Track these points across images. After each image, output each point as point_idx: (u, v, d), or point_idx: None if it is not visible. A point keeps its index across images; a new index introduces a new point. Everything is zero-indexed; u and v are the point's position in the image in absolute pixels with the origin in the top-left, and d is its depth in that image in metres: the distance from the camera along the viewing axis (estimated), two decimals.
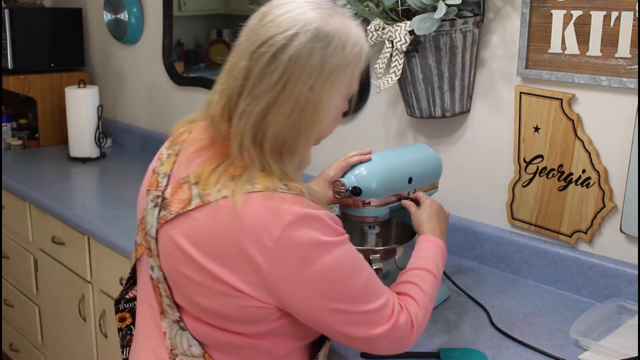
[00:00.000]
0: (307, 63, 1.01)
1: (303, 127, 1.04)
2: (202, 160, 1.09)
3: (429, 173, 1.50)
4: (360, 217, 1.41)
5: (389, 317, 1.08)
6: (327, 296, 1.03)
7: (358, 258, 1.08)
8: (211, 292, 1.05)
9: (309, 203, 1.04)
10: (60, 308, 2.44)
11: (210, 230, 1.03)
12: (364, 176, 1.35)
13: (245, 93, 1.03)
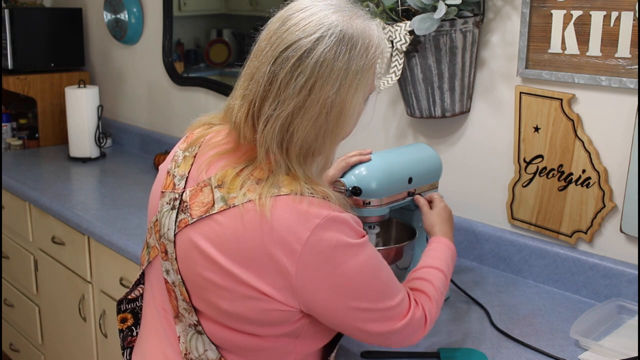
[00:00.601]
0: (333, 66, 1.01)
1: (329, 131, 1.04)
2: (224, 163, 1.09)
3: (429, 173, 1.50)
4: (361, 217, 1.40)
5: (406, 312, 1.12)
6: (352, 296, 1.05)
7: (378, 257, 1.10)
8: (235, 295, 1.04)
9: (335, 206, 1.04)
10: (60, 308, 2.44)
11: (237, 234, 1.02)
12: (364, 176, 1.35)
13: (270, 98, 1.02)
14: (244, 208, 1.02)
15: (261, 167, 1.05)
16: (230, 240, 1.03)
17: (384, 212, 1.41)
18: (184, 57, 2.87)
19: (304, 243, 1.00)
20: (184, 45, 2.86)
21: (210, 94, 2.63)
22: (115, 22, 3.06)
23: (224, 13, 2.68)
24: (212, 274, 1.05)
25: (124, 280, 2.02)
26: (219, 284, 1.05)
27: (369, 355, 1.32)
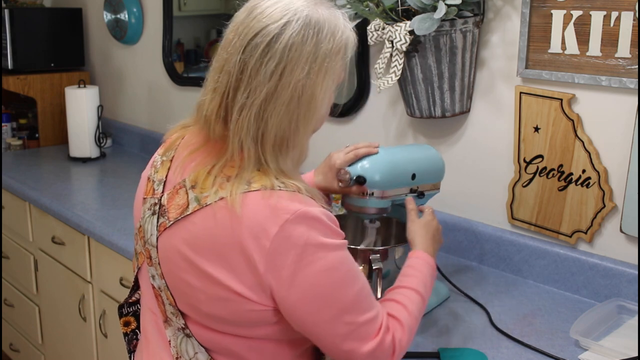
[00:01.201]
0: (301, 50, 1.02)
1: (302, 116, 1.04)
2: (196, 163, 1.09)
3: (432, 173, 1.50)
4: (362, 207, 1.40)
5: (376, 333, 1.06)
6: (320, 300, 1.02)
7: (354, 266, 1.06)
8: (211, 296, 1.04)
9: (307, 200, 1.03)
10: (60, 308, 2.44)
11: (210, 232, 1.02)
12: (368, 167, 1.35)
13: (243, 87, 1.02)
14: (216, 206, 1.02)
15: (231, 163, 1.04)
16: (204, 240, 1.03)
17: (386, 204, 1.41)
18: (184, 57, 2.87)
19: (272, 239, 0.98)
20: (184, 45, 2.86)
21: None
22: (115, 22, 3.06)
23: (224, 13, 2.68)
24: (190, 276, 1.05)
25: (124, 280, 2.02)
26: (196, 285, 1.05)
27: None
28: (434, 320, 1.48)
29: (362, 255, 1.36)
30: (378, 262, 1.33)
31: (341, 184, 1.37)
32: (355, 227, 1.59)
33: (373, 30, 1.69)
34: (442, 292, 1.59)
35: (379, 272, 1.32)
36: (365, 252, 1.37)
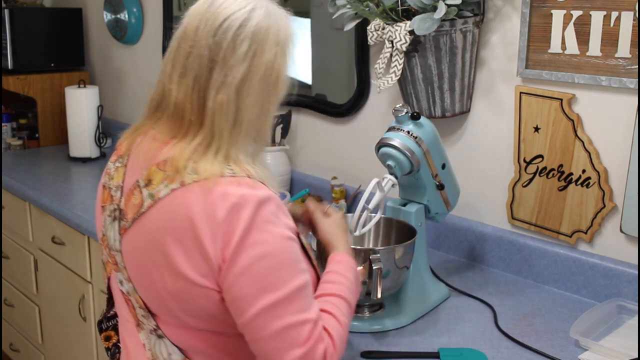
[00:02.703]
0: (268, 34, 1.09)
1: (272, 95, 1.11)
2: (149, 161, 1.11)
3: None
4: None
5: (306, 339, 1.03)
6: (256, 284, 1.02)
7: (299, 260, 1.07)
8: (172, 290, 1.06)
9: (256, 185, 1.05)
10: (60, 308, 2.44)
11: (165, 224, 1.05)
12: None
13: (219, 67, 1.06)
14: (169, 198, 1.05)
15: (182, 155, 1.06)
16: (161, 232, 1.05)
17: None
18: None
19: (220, 222, 1.01)
20: None
21: None
22: (115, 22, 3.06)
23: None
24: (153, 270, 1.08)
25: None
26: (159, 279, 1.07)
27: (369, 355, 1.32)
28: (434, 320, 1.48)
29: (362, 255, 1.36)
30: (378, 262, 1.33)
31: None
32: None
33: (373, 30, 1.69)
34: (442, 292, 1.59)
35: (379, 272, 1.32)
36: (365, 252, 1.37)
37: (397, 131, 1.45)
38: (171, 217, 1.04)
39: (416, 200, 1.53)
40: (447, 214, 1.62)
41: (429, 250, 1.85)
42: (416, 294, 1.50)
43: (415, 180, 1.50)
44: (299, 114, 2.29)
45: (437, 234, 1.89)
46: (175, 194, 1.04)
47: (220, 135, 1.07)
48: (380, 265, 1.33)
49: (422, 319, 1.49)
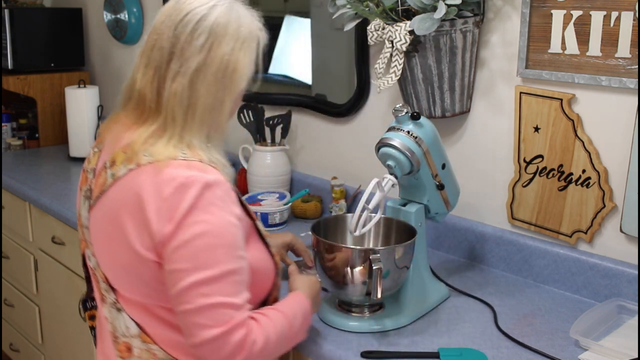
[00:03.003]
0: (226, 29, 1.16)
1: (227, 87, 1.18)
2: (116, 144, 1.21)
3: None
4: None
5: (227, 322, 1.08)
6: (189, 260, 1.08)
7: (238, 247, 1.12)
8: (125, 262, 1.15)
9: (206, 169, 1.12)
10: (60, 308, 2.44)
11: (121, 201, 1.14)
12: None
13: (176, 58, 1.15)
14: (126, 177, 1.14)
15: (139, 139, 1.15)
16: (118, 208, 1.15)
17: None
18: None
19: (165, 199, 1.09)
20: None
21: None
22: (115, 22, 3.06)
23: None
24: (112, 243, 1.17)
25: None
26: (115, 252, 1.17)
27: (369, 355, 1.32)
28: (434, 320, 1.48)
29: (362, 255, 1.36)
30: (378, 262, 1.33)
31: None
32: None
33: (373, 30, 1.69)
34: (442, 292, 1.59)
35: (379, 272, 1.32)
36: (365, 252, 1.37)
37: (397, 131, 1.45)
38: (126, 194, 1.14)
39: (416, 200, 1.54)
40: (447, 214, 1.62)
41: (429, 250, 1.85)
42: (416, 294, 1.50)
43: (415, 180, 1.50)
44: (299, 114, 2.29)
45: (437, 234, 1.89)
46: (131, 174, 1.14)
47: (174, 121, 1.15)
48: (380, 265, 1.33)
49: (422, 319, 1.49)
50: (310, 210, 2.11)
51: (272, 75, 2.47)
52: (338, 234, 1.55)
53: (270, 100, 2.37)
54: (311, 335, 1.39)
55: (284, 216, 2.06)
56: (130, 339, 1.21)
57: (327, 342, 1.37)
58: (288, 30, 2.40)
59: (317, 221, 1.51)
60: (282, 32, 2.41)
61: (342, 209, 2.07)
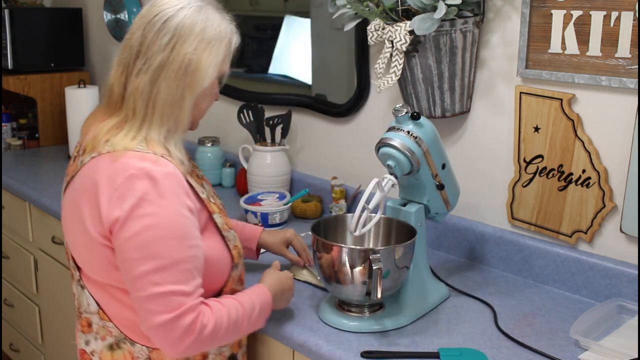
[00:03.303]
0: (191, 30, 1.23)
1: (187, 84, 1.23)
2: (87, 137, 1.29)
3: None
4: None
5: (177, 307, 1.15)
6: (139, 251, 1.15)
7: (184, 235, 1.18)
8: (83, 242, 1.23)
9: (160, 161, 1.19)
10: (60, 308, 2.44)
11: (81, 186, 1.23)
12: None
13: (141, 56, 1.23)
14: (88, 164, 1.23)
15: (102, 130, 1.24)
16: (79, 192, 1.24)
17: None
18: None
19: (117, 187, 1.16)
20: None
21: None
22: (115, 22, 3.06)
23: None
24: (74, 224, 1.25)
25: None
26: (75, 233, 1.25)
27: (369, 355, 1.32)
28: (434, 320, 1.48)
29: (362, 255, 1.36)
30: (378, 262, 1.33)
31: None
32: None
33: (373, 30, 1.69)
34: (442, 292, 1.59)
35: (379, 272, 1.32)
36: (365, 252, 1.37)
37: (397, 131, 1.45)
38: (86, 180, 1.22)
39: (416, 200, 1.54)
40: (447, 214, 1.62)
41: (429, 250, 1.85)
42: (416, 294, 1.50)
43: (415, 180, 1.50)
44: (299, 114, 2.29)
45: (437, 234, 1.89)
46: (93, 161, 1.22)
47: (135, 115, 1.23)
48: (380, 265, 1.33)
49: (422, 319, 1.49)
50: (310, 210, 2.11)
51: (272, 75, 2.47)
52: (338, 234, 1.55)
53: (270, 100, 2.37)
54: (311, 336, 1.39)
55: (284, 216, 2.06)
56: (90, 315, 1.32)
57: (327, 342, 1.37)
58: (288, 30, 2.40)
59: (317, 221, 1.51)
60: (282, 32, 2.41)
61: (342, 209, 2.07)
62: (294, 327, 1.44)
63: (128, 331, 1.29)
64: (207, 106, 1.34)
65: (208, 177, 2.45)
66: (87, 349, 1.34)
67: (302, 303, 1.54)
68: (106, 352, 1.31)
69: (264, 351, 1.55)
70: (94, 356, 1.33)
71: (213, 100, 1.35)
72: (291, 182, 2.30)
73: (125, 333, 1.29)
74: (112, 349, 1.30)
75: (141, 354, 1.29)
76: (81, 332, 1.35)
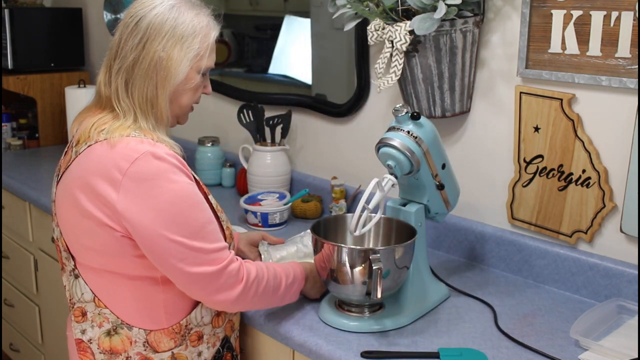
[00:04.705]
0: (161, 29, 1.29)
1: (160, 80, 1.30)
2: (81, 129, 1.34)
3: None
4: None
5: (220, 261, 1.26)
6: (168, 226, 1.22)
7: (200, 200, 1.28)
8: (84, 229, 1.27)
9: (157, 144, 1.26)
10: (60, 308, 2.44)
11: (80, 173, 1.27)
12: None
13: (118, 56, 1.32)
14: (85, 152, 1.27)
15: (105, 121, 1.30)
16: (77, 180, 1.27)
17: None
18: None
19: (125, 173, 1.22)
20: None
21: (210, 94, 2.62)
22: (115, 22, 3.05)
23: (224, 13, 2.68)
24: (72, 213, 1.28)
25: None
26: (75, 221, 1.28)
27: (369, 355, 1.32)
28: (434, 320, 1.48)
29: (362, 255, 1.36)
30: (378, 262, 1.33)
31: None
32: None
33: (373, 30, 1.69)
34: (442, 292, 1.59)
35: (379, 272, 1.32)
36: (365, 252, 1.37)
37: (397, 131, 1.45)
38: (84, 167, 1.26)
39: (416, 200, 1.54)
40: (447, 214, 1.62)
41: (429, 250, 1.85)
42: (416, 294, 1.50)
43: (415, 180, 1.50)
44: (299, 114, 2.29)
45: (437, 234, 1.89)
46: (89, 149, 1.27)
47: (123, 111, 1.29)
48: (380, 265, 1.33)
49: (422, 319, 1.49)
50: (310, 210, 2.11)
51: (272, 75, 2.47)
52: (338, 234, 1.55)
53: (270, 100, 2.37)
54: (311, 336, 1.39)
55: (284, 216, 2.06)
56: (84, 304, 1.34)
57: (327, 342, 1.37)
58: (288, 30, 2.40)
59: (317, 221, 1.51)
60: (282, 32, 2.41)
61: (342, 209, 2.07)
62: (294, 327, 1.44)
63: (125, 316, 1.33)
64: (188, 101, 1.38)
65: (208, 177, 2.48)
66: (83, 338, 1.35)
67: (302, 303, 1.54)
68: (104, 339, 1.34)
69: (264, 351, 1.55)
70: (91, 344, 1.35)
71: (195, 94, 1.39)
72: (291, 182, 2.30)
73: (122, 318, 1.33)
74: (110, 335, 1.33)
75: (139, 337, 1.33)
76: (75, 322, 1.37)
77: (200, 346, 1.39)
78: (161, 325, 1.34)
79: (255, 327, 1.51)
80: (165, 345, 1.35)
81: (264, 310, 1.50)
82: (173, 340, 1.35)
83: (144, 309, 1.33)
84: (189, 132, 2.67)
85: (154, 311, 1.33)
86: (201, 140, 2.51)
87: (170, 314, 1.34)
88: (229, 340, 1.46)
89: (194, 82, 1.35)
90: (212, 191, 1.60)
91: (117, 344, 1.33)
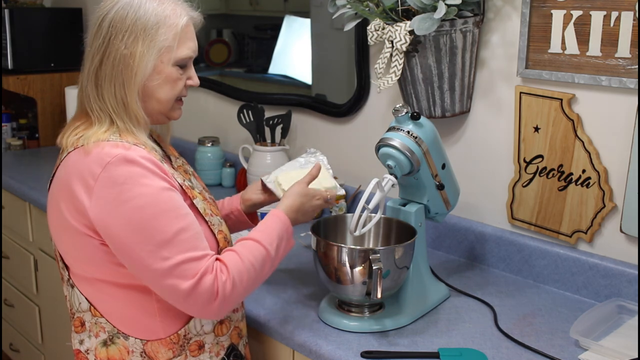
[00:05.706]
0: (121, 25, 1.24)
1: (126, 78, 1.25)
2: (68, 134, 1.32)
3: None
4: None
5: (195, 274, 1.18)
6: (137, 234, 1.17)
7: (175, 207, 1.20)
8: (67, 238, 1.26)
9: (132, 147, 1.21)
10: (60, 308, 2.43)
11: (60, 181, 1.26)
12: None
13: (86, 59, 1.30)
14: (66, 159, 1.25)
15: (84, 128, 1.28)
16: (58, 187, 1.27)
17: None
18: None
19: (97, 178, 1.18)
20: None
21: (210, 94, 2.63)
22: None
23: (224, 13, 2.68)
24: (57, 221, 1.27)
25: None
26: (59, 229, 1.28)
27: (368, 355, 1.32)
28: (434, 320, 1.48)
29: (362, 255, 1.36)
30: (378, 262, 1.33)
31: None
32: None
33: (373, 30, 1.69)
34: (442, 292, 1.59)
35: (379, 272, 1.32)
36: (365, 252, 1.37)
37: (397, 131, 1.45)
38: (63, 174, 1.25)
39: (416, 200, 1.54)
40: (447, 214, 1.62)
41: (429, 250, 1.85)
42: (416, 294, 1.50)
43: (415, 180, 1.50)
44: (299, 114, 2.29)
45: (437, 234, 1.89)
46: (69, 156, 1.25)
47: (99, 116, 1.27)
48: (380, 265, 1.33)
49: (422, 319, 1.49)
50: None
51: (272, 75, 2.47)
52: (338, 234, 1.55)
53: (270, 100, 2.37)
54: (311, 336, 1.39)
55: None
56: (82, 314, 1.32)
57: (327, 342, 1.37)
58: (288, 30, 2.40)
59: (317, 221, 1.51)
60: (282, 32, 2.41)
61: (342, 209, 2.07)
62: (294, 327, 1.44)
63: (121, 325, 1.29)
64: (167, 95, 1.30)
65: (208, 177, 2.48)
66: (81, 348, 1.33)
67: (302, 303, 1.54)
68: (101, 349, 1.30)
69: (264, 351, 1.55)
70: (89, 354, 1.32)
71: (175, 87, 1.31)
72: None
73: (118, 327, 1.29)
74: (107, 345, 1.30)
75: (135, 347, 1.29)
76: (74, 333, 1.35)
77: (202, 355, 1.33)
78: (157, 335, 1.29)
79: (256, 327, 1.51)
80: (163, 355, 1.29)
81: (263, 311, 1.50)
82: (171, 350, 1.29)
83: (139, 318, 1.28)
84: (189, 132, 2.67)
85: (149, 320, 1.28)
86: (201, 141, 2.51)
87: (166, 324, 1.29)
88: (237, 348, 1.40)
89: (164, 75, 1.27)
90: (212, 191, 1.60)
91: (114, 354, 1.29)
